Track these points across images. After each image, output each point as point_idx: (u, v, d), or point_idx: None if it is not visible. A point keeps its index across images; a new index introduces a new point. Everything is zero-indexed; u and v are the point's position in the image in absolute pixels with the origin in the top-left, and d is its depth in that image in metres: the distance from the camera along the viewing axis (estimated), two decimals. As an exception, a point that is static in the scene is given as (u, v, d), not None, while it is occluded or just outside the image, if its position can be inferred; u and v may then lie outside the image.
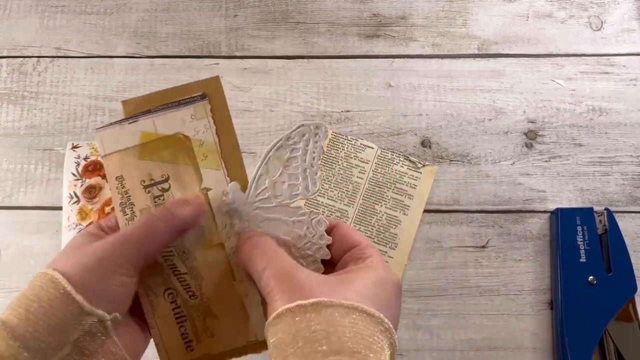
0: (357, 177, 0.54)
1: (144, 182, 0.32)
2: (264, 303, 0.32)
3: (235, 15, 0.58)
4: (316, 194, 0.32)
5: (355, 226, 0.53)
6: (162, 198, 0.32)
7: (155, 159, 0.32)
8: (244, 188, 0.32)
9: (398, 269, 0.52)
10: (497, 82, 0.56)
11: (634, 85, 0.56)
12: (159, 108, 0.32)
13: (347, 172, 0.54)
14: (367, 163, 0.54)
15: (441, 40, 0.58)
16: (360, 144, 0.55)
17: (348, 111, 0.56)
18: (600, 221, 0.50)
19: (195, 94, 0.33)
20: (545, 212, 0.53)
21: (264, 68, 0.57)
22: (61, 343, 0.26)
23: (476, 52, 0.57)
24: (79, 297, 0.27)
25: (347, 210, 0.53)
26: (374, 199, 0.53)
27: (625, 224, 0.52)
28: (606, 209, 0.51)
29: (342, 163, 0.54)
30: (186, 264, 0.32)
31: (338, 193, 0.53)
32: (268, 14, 0.58)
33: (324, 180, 0.54)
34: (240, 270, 0.32)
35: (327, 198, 0.53)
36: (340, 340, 0.24)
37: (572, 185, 0.54)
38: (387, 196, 0.53)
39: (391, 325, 0.26)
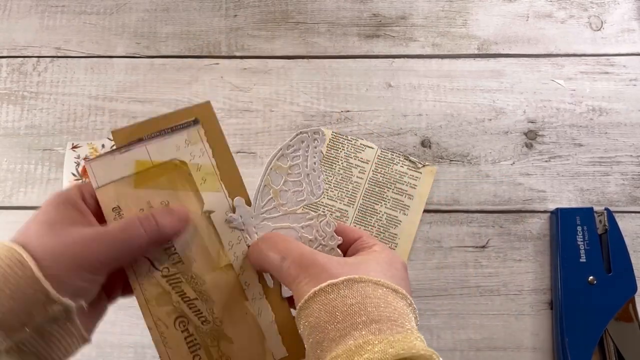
0: (357, 177, 0.54)
1: (143, 210, 0.32)
2: (277, 319, 0.32)
3: (235, 15, 0.58)
4: (321, 198, 0.32)
5: (355, 226, 0.53)
6: None
7: (153, 186, 0.32)
8: (248, 203, 0.32)
9: (398, 269, 0.52)
10: (497, 82, 0.56)
11: (634, 85, 0.56)
12: (151, 136, 0.32)
13: (347, 172, 0.54)
14: (367, 163, 0.54)
15: (441, 40, 0.58)
16: (360, 144, 0.55)
17: (348, 111, 0.56)
18: (600, 221, 0.50)
19: (187, 120, 0.32)
20: (545, 212, 0.53)
21: (264, 68, 0.57)
22: (21, 325, 0.26)
23: (476, 52, 0.57)
24: (47, 285, 0.26)
25: (347, 210, 0.53)
26: (374, 199, 0.53)
27: (625, 224, 0.52)
28: (606, 209, 0.51)
29: (342, 163, 0.54)
30: (195, 289, 0.32)
31: (338, 193, 0.53)
32: (268, 14, 0.58)
33: (324, 180, 0.54)
34: (253, 287, 0.32)
35: (327, 198, 0.53)
36: (377, 310, 0.25)
37: (572, 185, 0.54)
38: (387, 196, 0.53)
39: (412, 300, 0.27)
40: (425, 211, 0.53)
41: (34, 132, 0.56)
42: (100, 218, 0.31)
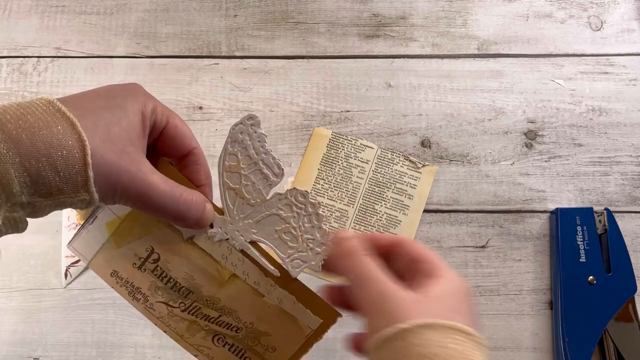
0: (357, 177, 0.54)
1: (135, 264, 0.33)
2: (299, 299, 0.33)
3: (235, 15, 0.59)
4: (283, 174, 0.32)
5: (355, 226, 0.53)
6: (159, 269, 0.33)
7: (131, 239, 0.33)
8: (220, 213, 0.32)
9: (398, 269, 0.52)
10: (497, 82, 0.56)
11: (634, 85, 0.56)
12: None
13: (347, 172, 0.54)
14: (367, 163, 0.54)
15: (441, 41, 0.58)
16: (360, 144, 0.55)
17: (348, 111, 0.56)
18: (600, 221, 0.50)
19: None
20: (545, 212, 0.53)
21: (264, 68, 0.57)
22: (48, 194, 0.24)
23: (476, 52, 0.57)
24: (90, 173, 0.25)
25: (347, 210, 0.53)
26: (374, 199, 0.53)
27: (625, 224, 0.52)
28: (606, 209, 0.51)
29: (342, 163, 0.54)
30: (215, 308, 0.33)
31: (338, 193, 0.54)
32: (268, 14, 0.59)
33: (324, 180, 0.54)
34: (264, 284, 0.33)
35: (327, 198, 0.53)
36: None
37: (572, 185, 0.54)
38: (387, 196, 0.53)
39: (485, 341, 0.27)
40: (425, 211, 0.53)
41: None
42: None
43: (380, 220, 0.53)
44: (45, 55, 0.58)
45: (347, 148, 0.55)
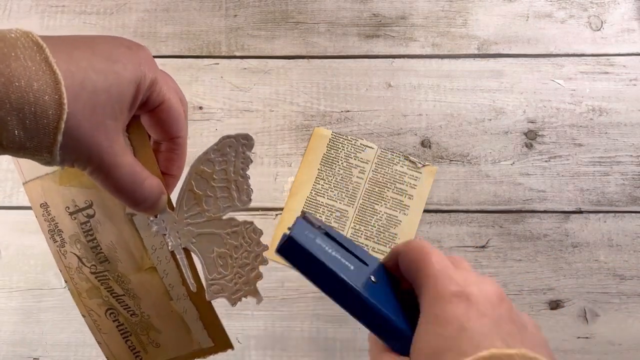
0: (357, 177, 0.54)
1: (69, 208, 0.32)
2: (202, 318, 0.33)
3: (235, 15, 0.58)
4: (249, 205, 0.31)
5: (355, 226, 0.53)
6: (88, 224, 0.32)
7: (77, 184, 0.31)
8: (171, 207, 0.31)
9: (398, 269, 0.52)
10: (497, 82, 0.56)
11: (634, 85, 0.56)
12: None
13: (347, 172, 0.54)
14: (367, 163, 0.54)
15: (441, 40, 0.58)
16: (360, 144, 0.55)
17: (348, 111, 0.56)
18: (316, 226, 0.42)
19: None
20: (545, 212, 0.53)
21: (264, 68, 0.57)
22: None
23: (476, 52, 0.57)
24: (57, 147, 0.23)
25: (347, 210, 0.53)
26: (374, 199, 0.53)
27: (625, 224, 0.52)
28: (304, 213, 0.39)
29: (342, 163, 0.54)
30: (122, 287, 0.32)
31: (338, 193, 0.53)
32: (268, 14, 0.58)
33: (324, 180, 0.54)
34: (177, 289, 0.33)
35: (327, 198, 0.53)
36: None
37: (572, 186, 0.54)
38: (387, 196, 0.53)
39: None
40: (425, 211, 0.53)
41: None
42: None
43: (380, 220, 0.53)
44: (45, 55, 0.57)
45: (347, 148, 0.54)
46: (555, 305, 0.51)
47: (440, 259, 0.28)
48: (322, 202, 0.53)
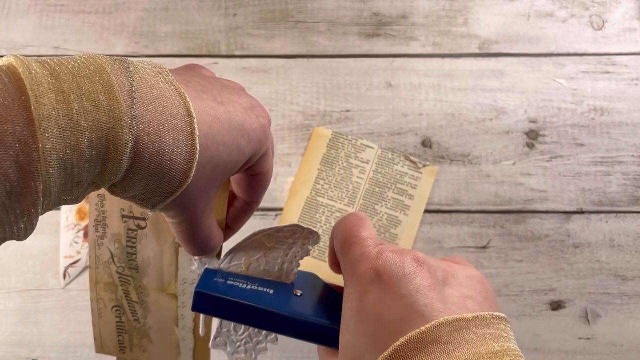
0: (357, 177, 0.54)
1: (123, 210, 0.32)
2: (196, 352, 0.34)
3: (235, 14, 0.58)
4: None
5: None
6: (135, 232, 0.32)
7: None
8: (217, 255, 0.31)
9: (398, 270, 0.51)
10: (498, 81, 0.56)
11: (635, 84, 0.56)
12: None
13: (347, 172, 0.54)
14: (367, 163, 0.54)
15: (442, 40, 0.57)
16: (360, 143, 0.54)
17: (348, 111, 0.56)
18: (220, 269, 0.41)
19: None
20: (546, 212, 0.53)
21: (264, 67, 0.57)
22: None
23: (477, 51, 0.57)
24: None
25: (347, 211, 0.53)
26: (374, 199, 0.53)
27: (627, 224, 0.52)
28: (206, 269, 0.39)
29: (342, 163, 0.54)
30: (139, 296, 0.34)
31: (338, 193, 0.53)
32: (267, 13, 0.58)
33: (324, 180, 0.54)
34: (185, 322, 0.34)
35: (327, 198, 0.53)
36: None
37: (574, 185, 0.53)
38: (388, 196, 0.53)
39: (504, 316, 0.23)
40: (426, 211, 0.53)
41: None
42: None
43: (381, 220, 0.52)
44: (43, 54, 0.57)
45: (347, 148, 0.54)
46: (556, 305, 0.51)
47: (370, 234, 0.26)
48: (322, 202, 0.53)
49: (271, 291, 0.28)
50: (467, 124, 0.55)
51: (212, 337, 0.32)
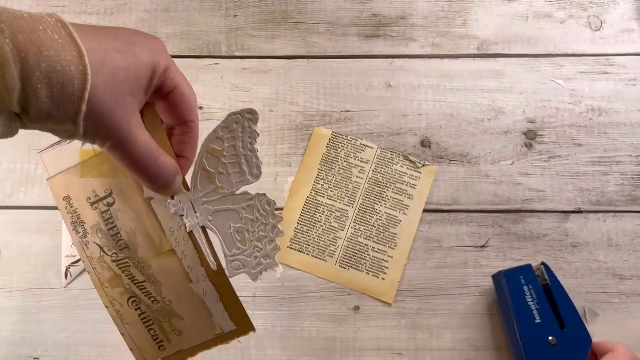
0: (357, 177, 0.54)
1: (90, 199, 0.33)
2: (222, 299, 0.33)
3: (236, 16, 0.59)
4: (260, 178, 0.32)
5: (355, 226, 0.53)
6: (109, 213, 0.33)
7: (97, 175, 0.33)
8: (186, 188, 0.32)
9: (398, 269, 0.52)
10: (496, 82, 0.56)
11: (634, 85, 0.56)
12: None
13: (347, 172, 0.54)
14: (367, 163, 0.54)
15: (441, 41, 0.58)
16: (360, 144, 0.55)
17: (348, 111, 0.56)
18: (538, 276, 0.48)
19: None
20: (545, 212, 0.53)
21: (264, 68, 0.57)
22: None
23: (476, 52, 0.57)
24: (81, 117, 0.24)
25: (347, 210, 0.53)
26: (374, 199, 0.53)
27: (625, 224, 0.52)
28: (543, 264, 0.48)
29: (342, 163, 0.54)
30: (143, 273, 0.33)
31: (338, 193, 0.54)
32: (268, 14, 0.59)
33: (324, 180, 0.54)
34: (196, 271, 0.33)
35: (327, 198, 0.53)
36: None
37: (572, 186, 0.54)
38: (387, 196, 0.53)
39: None
40: (425, 211, 0.53)
41: (34, 133, 0.56)
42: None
43: (380, 220, 0.53)
44: (45, 56, 0.58)
45: (347, 148, 0.55)
46: (555, 305, 0.51)
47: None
48: (322, 202, 0.53)
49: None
50: (466, 125, 0.55)
51: (226, 270, 0.32)
